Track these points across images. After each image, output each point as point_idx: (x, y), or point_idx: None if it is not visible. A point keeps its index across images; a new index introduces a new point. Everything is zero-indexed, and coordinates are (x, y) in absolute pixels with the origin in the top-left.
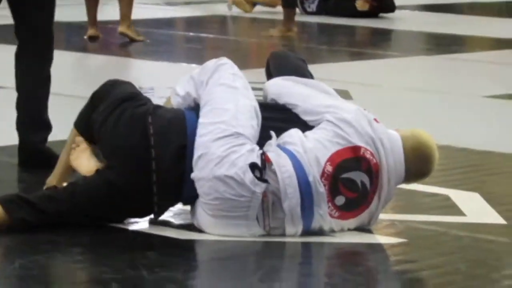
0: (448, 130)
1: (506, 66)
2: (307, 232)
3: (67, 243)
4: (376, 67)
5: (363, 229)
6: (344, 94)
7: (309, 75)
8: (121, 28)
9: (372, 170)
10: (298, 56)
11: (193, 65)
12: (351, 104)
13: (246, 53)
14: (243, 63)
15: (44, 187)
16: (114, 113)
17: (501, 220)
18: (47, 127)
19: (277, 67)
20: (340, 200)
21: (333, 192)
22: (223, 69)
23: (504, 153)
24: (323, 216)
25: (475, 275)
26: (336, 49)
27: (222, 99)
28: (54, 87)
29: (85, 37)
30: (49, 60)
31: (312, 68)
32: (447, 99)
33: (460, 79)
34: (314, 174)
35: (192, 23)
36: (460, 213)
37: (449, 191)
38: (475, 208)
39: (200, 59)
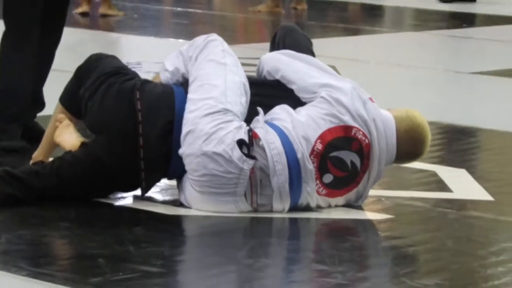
0: (435, 106)
1: (494, 42)
2: (294, 208)
3: (54, 218)
4: (364, 43)
5: (350, 205)
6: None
7: (311, 54)
8: (102, 10)
9: (364, 151)
10: (306, 34)
11: (181, 40)
12: (347, 82)
13: (233, 28)
14: (230, 39)
15: (31, 162)
16: (100, 88)
17: (487, 196)
18: (41, 104)
19: (282, 38)
20: (327, 178)
21: (321, 170)
22: (213, 45)
23: (492, 130)
24: (311, 193)
25: (461, 251)
26: (324, 25)
27: (211, 75)
28: None
29: (75, 12)
30: (59, 39)
31: None
32: (434, 75)
33: (447, 55)
34: (303, 151)
35: None
36: (447, 189)
37: (436, 167)
38: (462, 185)
39: (187, 34)
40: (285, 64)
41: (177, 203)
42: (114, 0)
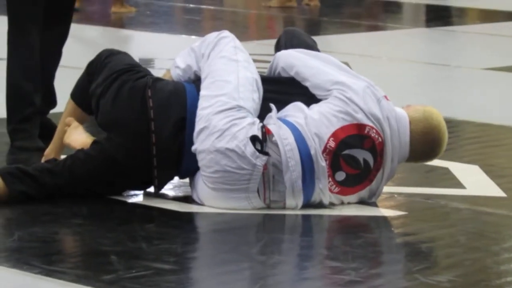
0: (447, 102)
1: (505, 38)
2: (307, 205)
3: (66, 215)
4: (376, 39)
5: (363, 202)
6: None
7: None
8: (114, 9)
9: (376, 149)
10: (310, 36)
11: (193, 37)
12: (361, 80)
13: (245, 24)
14: (242, 35)
15: (43, 159)
16: (113, 86)
17: (500, 193)
18: (53, 101)
19: (289, 40)
20: (340, 175)
21: (333, 167)
22: (225, 42)
23: (504, 126)
24: (323, 190)
25: (474, 247)
26: (336, 21)
27: (224, 72)
28: None
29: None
30: (65, 36)
31: None
32: (446, 71)
33: (459, 51)
34: (316, 147)
35: None
36: (459, 185)
37: (448, 164)
38: (474, 181)
39: (199, 31)
40: (300, 61)
41: (189, 200)
42: None
